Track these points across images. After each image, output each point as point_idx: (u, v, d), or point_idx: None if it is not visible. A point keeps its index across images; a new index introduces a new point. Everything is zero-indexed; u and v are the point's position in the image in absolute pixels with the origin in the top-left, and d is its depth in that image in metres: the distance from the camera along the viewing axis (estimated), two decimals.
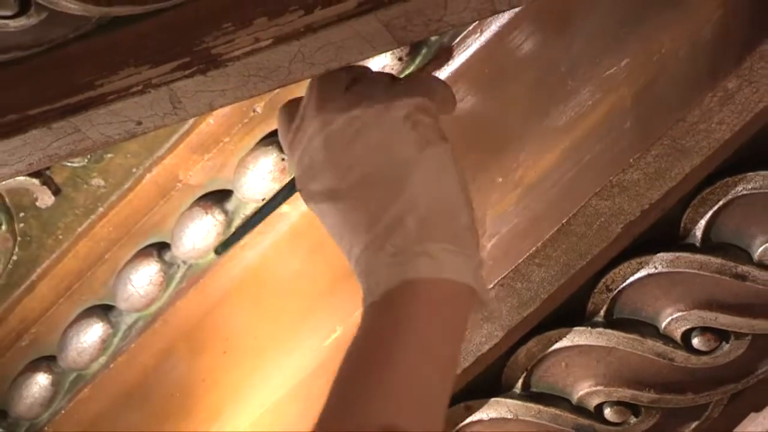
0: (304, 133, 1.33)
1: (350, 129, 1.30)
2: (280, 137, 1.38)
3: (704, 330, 1.55)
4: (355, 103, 1.31)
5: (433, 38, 1.56)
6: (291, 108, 1.39)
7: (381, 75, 1.36)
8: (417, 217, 1.23)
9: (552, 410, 1.61)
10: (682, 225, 1.52)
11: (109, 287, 1.76)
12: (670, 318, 1.55)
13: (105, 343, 1.78)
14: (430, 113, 1.30)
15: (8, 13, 1.31)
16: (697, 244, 1.52)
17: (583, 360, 1.59)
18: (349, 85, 1.35)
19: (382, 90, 1.33)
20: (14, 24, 1.33)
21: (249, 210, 1.71)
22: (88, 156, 1.59)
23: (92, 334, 1.78)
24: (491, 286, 1.52)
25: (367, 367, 1.20)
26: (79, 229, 1.75)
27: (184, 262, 1.74)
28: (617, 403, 1.59)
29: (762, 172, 1.48)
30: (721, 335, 1.55)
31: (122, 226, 1.75)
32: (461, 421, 1.64)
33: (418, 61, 1.59)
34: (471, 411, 1.63)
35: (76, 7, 1.31)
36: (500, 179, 1.51)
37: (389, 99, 1.31)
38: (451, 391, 1.21)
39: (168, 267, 1.74)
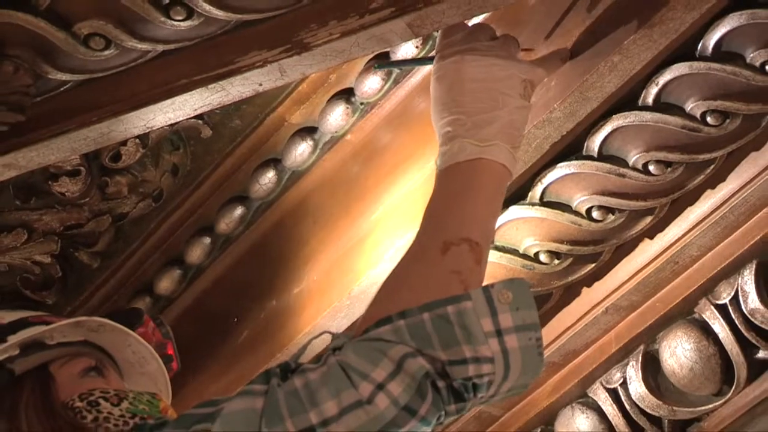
0: (455, 46, 1.31)
1: (485, 61, 1.29)
2: (442, 34, 1.35)
3: (599, 207, 1.52)
4: (496, 49, 1.31)
5: (435, 33, 1.49)
6: (457, 25, 1.35)
7: (514, 42, 1.34)
8: (500, 125, 1.25)
9: (507, 255, 1.57)
10: (586, 144, 1.48)
11: (245, 185, 1.77)
12: (578, 200, 1.52)
13: (242, 218, 1.78)
14: (533, 86, 1.32)
15: (180, 18, 1.34)
16: (595, 155, 1.48)
17: (528, 225, 1.55)
18: (494, 37, 1.33)
19: (515, 52, 1.33)
20: (183, 24, 1.35)
21: (327, 138, 1.70)
22: (231, 105, 1.55)
23: (235, 211, 1.77)
24: None
25: (453, 202, 1.23)
26: (227, 150, 1.77)
27: (289, 169, 1.74)
28: (547, 251, 1.56)
29: (634, 112, 1.44)
30: (609, 210, 1.52)
31: (252, 149, 1.77)
32: None
33: (427, 47, 1.58)
34: None
35: (221, 14, 1.33)
36: None
37: (520, 63, 1.31)
38: (493, 229, 1.26)
39: (280, 172, 1.74)
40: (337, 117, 1.68)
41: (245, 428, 1.06)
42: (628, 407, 1.64)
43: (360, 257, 1.62)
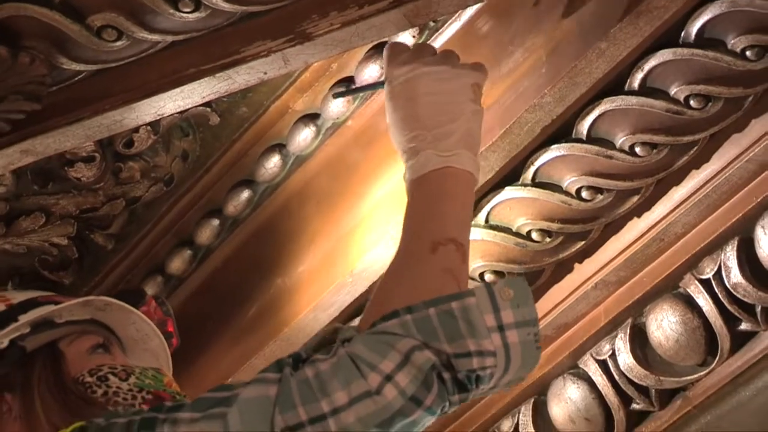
0: (403, 65, 1.32)
1: (434, 75, 1.30)
2: (388, 57, 1.35)
3: (589, 187, 1.52)
4: (441, 62, 1.32)
5: (431, 23, 1.55)
6: (400, 46, 1.37)
7: (455, 53, 1.36)
8: (459, 135, 1.27)
9: (501, 234, 1.58)
10: (575, 127, 1.49)
11: (251, 169, 1.76)
12: (569, 181, 1.53)
13: (249, 201, 1.77)
14: (480, 87, 1.33)
15: (188, 9, 1.34)
16: (584, 138, 1.49)
17: (520, 205, 1.57)
18: (434, 53, 1.35)
19: (457, 62, 1.33)
20: (191, 16, 1.35)
21: (329, 124, 1.70)
22: (238, 93, 1.56)
23: (243, 194, 1.76)
24: None
25: (431, 207, 1.24)
26: (234, 137, 1.76)
27: (293, 154, 1.74)
28: (539, 230, 1.57)
29: (621, 96, 1.45)
30: (598, 191, 1.53)
31: (258, 134, 1.76)
32: None
33: (423, 37, 1.58)
34: None
35: (227, 6, 1.34)
36: None
37: (464, 70, 1.32)
38: (469, 230, 1.27)
39: (284, 157, 1.74)
40: (338, 104, 1.68)
41: (260, 414, 1.07)
42: (616, 377, 1.65)
43: (361, 237, 1.62)
